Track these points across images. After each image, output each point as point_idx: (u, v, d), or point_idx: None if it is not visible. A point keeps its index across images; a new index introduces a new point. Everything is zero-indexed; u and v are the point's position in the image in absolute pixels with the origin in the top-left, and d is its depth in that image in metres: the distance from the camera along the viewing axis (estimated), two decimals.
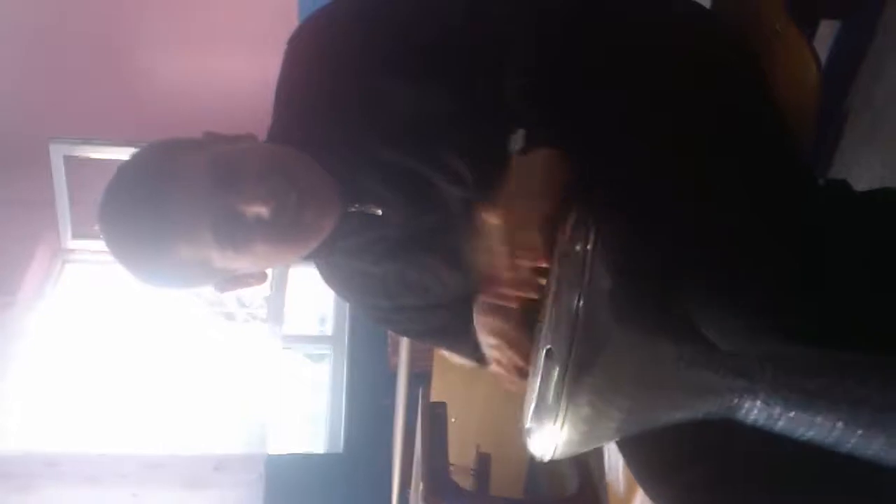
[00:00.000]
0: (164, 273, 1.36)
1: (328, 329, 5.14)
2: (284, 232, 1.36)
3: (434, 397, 3.10)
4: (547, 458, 1.15)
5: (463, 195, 1.39)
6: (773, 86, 1.41)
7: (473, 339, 1.56)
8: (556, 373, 1.13)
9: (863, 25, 1.75)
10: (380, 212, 1.46)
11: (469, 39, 1.35)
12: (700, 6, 1.55)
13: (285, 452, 4.70)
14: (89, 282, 4.93)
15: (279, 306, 4.82)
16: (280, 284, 4.86)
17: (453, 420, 2.94)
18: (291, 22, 4.15)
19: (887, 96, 1.83)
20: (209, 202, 1.31)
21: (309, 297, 5.10)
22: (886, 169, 1.80)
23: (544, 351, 1.20)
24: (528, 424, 1.21)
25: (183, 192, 1.32)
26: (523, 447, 1.19)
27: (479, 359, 1.61)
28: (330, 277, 1.66)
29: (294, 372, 5.15)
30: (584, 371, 1.11)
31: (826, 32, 1.67)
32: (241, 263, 1.37)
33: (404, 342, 3.59)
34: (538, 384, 1.19)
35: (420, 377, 3.41)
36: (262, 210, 1.32)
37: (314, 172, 1.40)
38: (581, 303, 1.13)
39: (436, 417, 2.84)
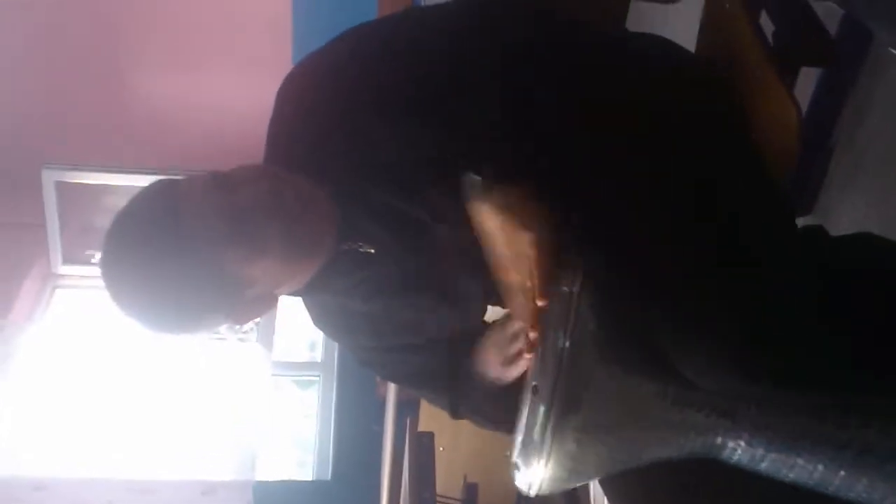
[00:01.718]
0: (178, 301, 1.36)
1: (317, 355, 5.14)
2: (298, 233, 1.37)
3: (422, 426, 3.10)
4: (533, 493, 1.17)
5: (450, 233, 1.41)
6: (754, 127, 1.44)
7: (452, 388, 1.58)
8: (542, 410, 1.15)
9: (845, 69, 1.78)
10: (372, 250, 1.47)
11: (452, 84, 1.37)
12: (682, 50, 1.58)
13: (273, 479, 4.69)
14: (79, 307, 4.93)
15: (269, 332, 4.82)
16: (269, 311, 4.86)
17: (441, 449, 2.95)
18: (285, 46, 4.23)
19: (869, 137, 1.85)
20: (221, 210, 1.33)
21: (298, 323, 5.10)
22: (871, 208, 1.83)
23: (531, 387, 1.21)
24: (514, 459, 1.22)
25: (193, 218, 1.33)
26: (511, 478, 1.21)
27: (455, 410, 1.63)
28: (319, 316, 1.67)
29: (283, 398, 5.14)
30: (569, 409, 1.13)
31: (810, 73, 1.70)
32: (253, 270, 1.37)
33: None
34: (525, 420, 1.21)
35: (408, 406, 3.41)
36: None
37: (313, 195, 1.42)
38: (567, 343, 1.15)
39: (423, 447, 2.85)
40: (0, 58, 4.36)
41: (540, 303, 1.24)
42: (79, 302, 4.93)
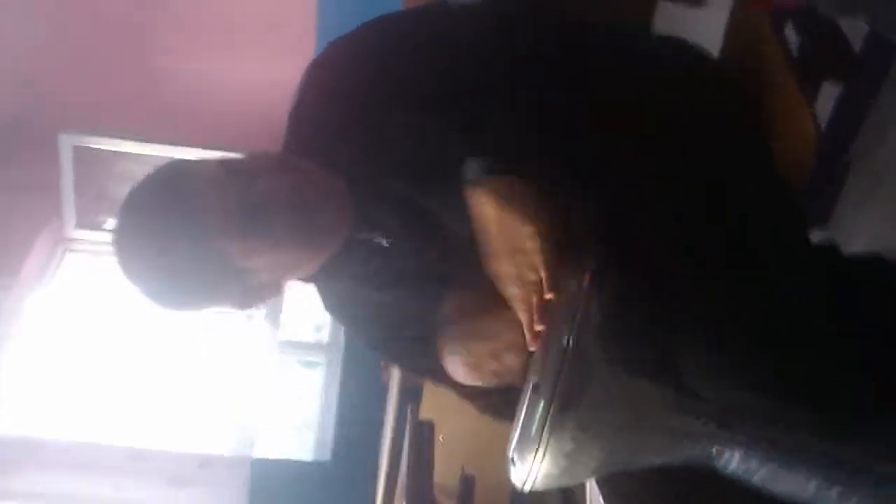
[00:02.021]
0: (184, 281, 1.37)
1: (324, 337, 5.14)
2: (305, 224, 1.38)
3: (424, 415, 3.10)
4: (527, 489, 1.17)
5: (462, 228, 1.41)
6: (771, 135, 1.44)
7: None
8: (541, 405, 1.15)
9: (867, 86, 1.76)
10: (386, 242, 1.48)
11: (468, 82, 1.37)
12: (696, 50, 1.58)
13: (272, 457, 4.71)
14: (89, 272, 4.94)
15: (276, 311, 4.83)
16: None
17: (441, 439, 2.94)
18: (310, 30, 4.21)
19: (889, 154, 1.84)
20: (231, 194, 1.34)
21: (306, 304, 5.11)
22: (887, 225, 1.81)
23: (531, 384, 1.21)
24: (510, 454, 1.22)
25: (204, 198, 1.34)
26: (507, 472, 1.21)
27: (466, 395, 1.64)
28: (330, 302, 1.68)
29: (287, 378, 5.15)
30: (569, 405, 1.13)
31: (832, 89, 1.69)
32: (261, 260, 1.38)
33: None
34: (523, 415, 1.21)
35: (411, 393, 3.41)
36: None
37: (331, 188, 1.42)
38: (572, 338, 1.15)
39: (423, 436, 2.85)
40: (25, 19, 4.36)
41: (548, 296, 1.24)
42: (89, 267, 4.94)
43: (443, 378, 1.57)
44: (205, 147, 3.85)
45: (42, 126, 4.44)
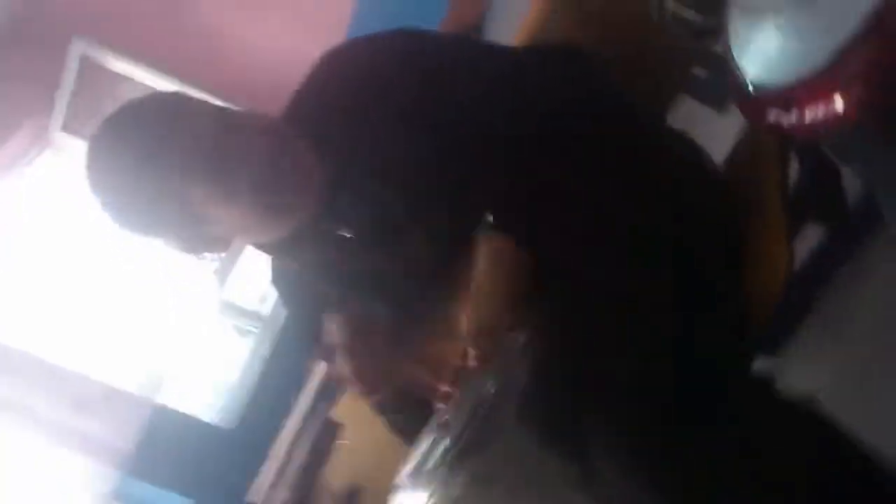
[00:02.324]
0: (140, 204, 1.38)
1: (265, 309, 5.13)
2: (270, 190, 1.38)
3: (336, 414, 3.10)
4: None
5: (431, 256, 1.43)
6: (745, 252, 1.45)
7: None
8: (444, 444, 1.15)
9: (853, 234, 1.78)
10: (349, 236, 1.48)
11: (469, 121, 1.40)
12: (704, 152, 1.59)
13: (175, 408, 4.69)
14: (60, 178, 4.91)
15: (228, 269, 4.81)
16: (235, 249, 4.86)
17: (345, 443, 2.94)
18: (345, 17, 4.23)
19: (858, 310, 1.85)
20: (209, 139, 1.36)
21: (256, 272, 5.10)
22: (835, 377, 1.82)
23: (443, 420, 1.21)
24: (399, 479, 1.22)
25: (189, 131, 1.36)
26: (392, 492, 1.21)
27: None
28: (277, 277, 1.68)
29: (217, 338, 5.14)
30: (470, 453, 1.13)
31: (817, 229, 1.70)
32: (217, 212, 1.38)
33: None
34: (424, 447, 1.21)
35: (329, 390, 3.41)
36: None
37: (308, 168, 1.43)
38: (493, 389, 1.15)
39: (326, 434, 2.85)
40: None
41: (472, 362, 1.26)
42: (62, 173, 4.91)
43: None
44: (211, 95, 3.85)
45: (60, 24, 4.43)
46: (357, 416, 2.96)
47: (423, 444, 1.21)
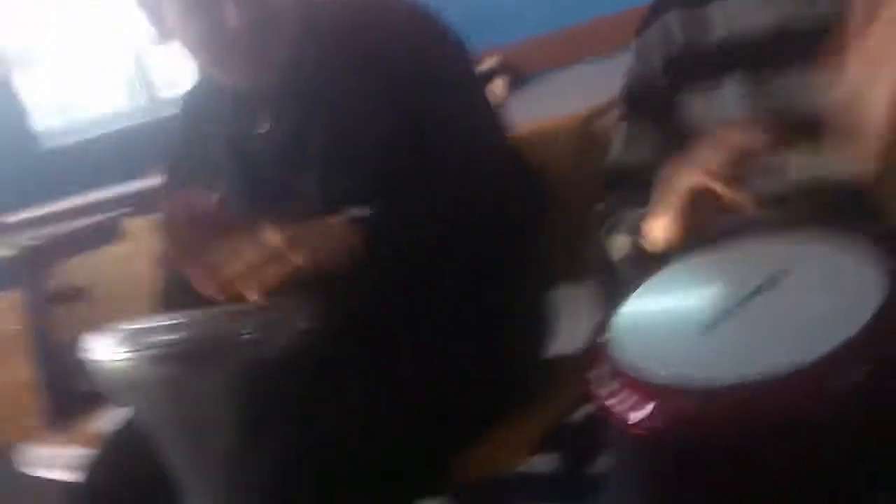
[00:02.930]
0: None
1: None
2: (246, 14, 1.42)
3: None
4: None
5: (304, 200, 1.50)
6: None
7: None
8: (177, 336, 1.23)
9: None
10: (262, 131, 1.55)
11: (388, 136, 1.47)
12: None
13: None
14: None
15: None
16: None
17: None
18: None
19: None
20: None
21: None
22: None
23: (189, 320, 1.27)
24: (117, 326, 1.27)
25: None
26: None
27: None
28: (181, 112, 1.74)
29: None
30: (182, 363, 1.22)
31: None
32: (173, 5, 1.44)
33: None
34: (165, 324, 1.27)
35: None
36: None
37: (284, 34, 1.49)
38: (242, 332, 1.23)
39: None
40: None
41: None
42: None
43: None
44: None
45: None
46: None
47: (166, 320, 1.27)
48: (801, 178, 1.23)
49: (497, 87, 5.05)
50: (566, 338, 1.65)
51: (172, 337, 1.22)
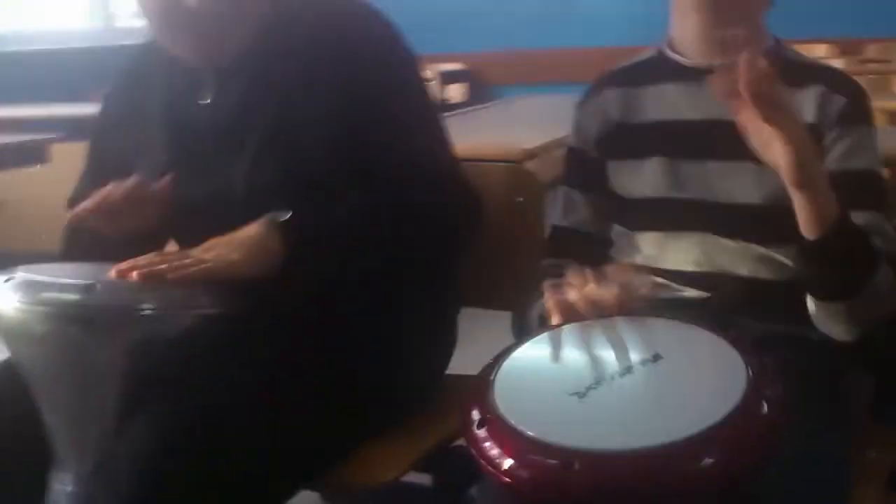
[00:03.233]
0: None
1: None
2: None
3: None
4: None
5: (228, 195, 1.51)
6: None
7: None
8: (78, 296, 1.23)
9: None
10: (206, 102, 1.56)
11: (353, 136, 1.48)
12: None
13: None
14: None
15: None
16: None
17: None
18: None
19: None
20: None
21: None
22: None
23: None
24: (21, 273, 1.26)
25: None
26: None
27: None
28: (120, 77, 1.74)
29: None
30: (77, 323, 1.22)
31: None
32: None
33: None
34: (69, 284, 1.26)
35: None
36: None
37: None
38: (137, 308, 1.23)
39: None
40: None
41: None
42: None
43: None
44: None
45: None
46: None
47: (70, 277, 1.27)
48: (699, 269, 1.42)
49: (453, 91, 5.10)
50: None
51: (72, 297, 1.21)
